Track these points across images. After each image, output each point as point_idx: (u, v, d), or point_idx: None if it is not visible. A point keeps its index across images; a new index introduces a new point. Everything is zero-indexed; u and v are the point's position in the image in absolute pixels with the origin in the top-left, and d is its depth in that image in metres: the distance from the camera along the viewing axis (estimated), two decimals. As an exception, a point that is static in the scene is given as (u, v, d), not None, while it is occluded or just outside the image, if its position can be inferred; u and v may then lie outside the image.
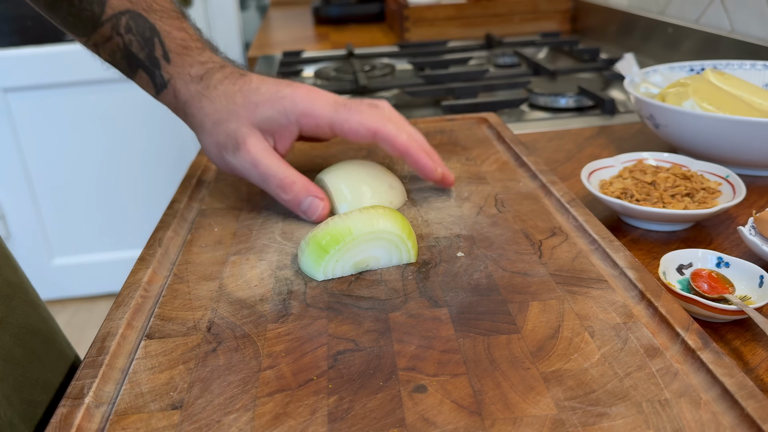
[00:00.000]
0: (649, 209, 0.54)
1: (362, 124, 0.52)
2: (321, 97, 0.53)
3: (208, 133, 0.55)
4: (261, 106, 0.53)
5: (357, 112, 0.52)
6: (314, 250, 0.45)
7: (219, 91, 0.55)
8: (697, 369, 0.34)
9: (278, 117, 0.53)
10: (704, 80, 0.73)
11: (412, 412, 0.32)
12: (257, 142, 0.53)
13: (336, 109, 0.52)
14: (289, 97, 0.53)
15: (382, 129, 0.52)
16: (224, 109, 0.54)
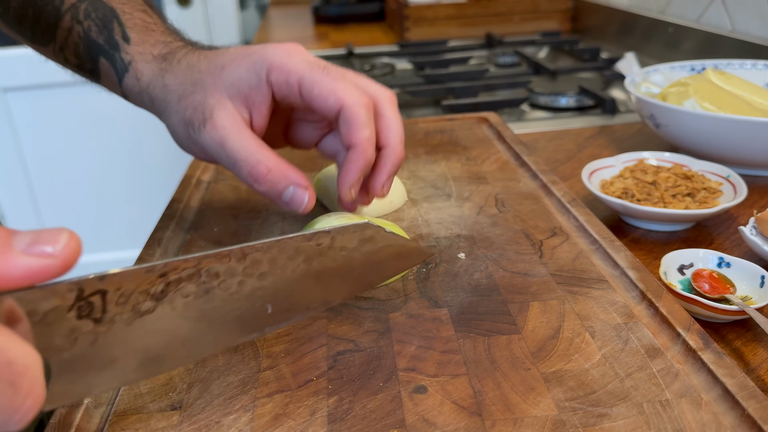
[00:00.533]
0: (650, 209, 0.54)
1: (334, 92, 0.43)
2: (298, 54, 0.45)
3: (173, 110, 0.47)
4: (227, 67, 0.45)
5: (334, 78, 0.43)
6: None
7: (182, 64, 0.48)
8: (698, 369, 0.34)
9: (247, 76, 0.44)
10: (705, 80, 0.73)
11: (412, 412, 0.32)
12: (226, 115, 0.44)
13: (312, 67, 0.44)
14: (260, 52, 0.45)
15: (351, 108, 0.43)
16: (188, 80, 0.47)
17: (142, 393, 0.35)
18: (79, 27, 0.51)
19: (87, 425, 0.33)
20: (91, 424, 0.33)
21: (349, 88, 0.43)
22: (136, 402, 0.34)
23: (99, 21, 0.51)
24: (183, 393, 0.35)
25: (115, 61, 0.51)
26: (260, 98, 0.45)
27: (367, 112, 0.43)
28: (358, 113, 0.43)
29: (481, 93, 1.06)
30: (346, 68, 0.46)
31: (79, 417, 0.33)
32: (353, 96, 0.43)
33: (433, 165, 0.64)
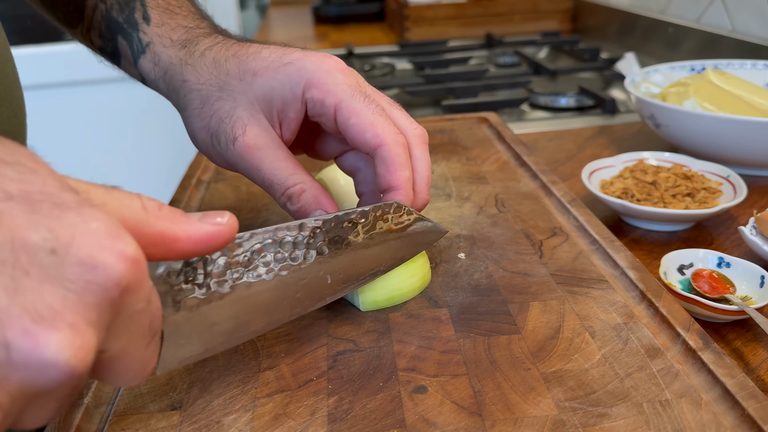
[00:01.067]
0: (650, 209, 0.54)
1: (373, 127, 0.40)
2: (339, 71, 0.41)
3: (196, 114, 0.44)
4: (260, 74, 0.42)
5: (373, 112, 0.40)
6: None
7: (207, 58, 0.44)
8: (698, 369, 0.34)
9: (281, 90, 0.41)
10: (705, 80, 0.73)
11: (412, 412, 0.32)
12: (260, 133, 0.42)
13: (353, 93, 0.40)
14: (298, 63, 0.41)
15: (390, 148, 0.40)
16: (213, 81, 0.43)
17: (142, 393, 0.35)
18: (102, 5, 0.50)
19: (87, 425, 0.33)
20: (92, 424, 0.33)
21: (388, 126, 0.40)
22: (136, 402, 0.34)
23: (122, 1, 0.50)
24: (183, 393, 0.35)
25: (132, 41, 0.48)
26: (293, 114, 0.42)
27: (405, 153, 0.41)
28: (397, 154, 0.40)
29: (481, 93, 1.06)
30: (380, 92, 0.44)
31: (79, 417, 0.33)
32: (392, 135, 0.40)
33: (433, 165, 0.64)
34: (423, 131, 0.43)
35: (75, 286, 0.21)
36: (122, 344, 0.24)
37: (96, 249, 0.21)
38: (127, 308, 0.23)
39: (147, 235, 0.25)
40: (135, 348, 0.24)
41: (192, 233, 0.26)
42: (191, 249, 0.26)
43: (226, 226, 0.27)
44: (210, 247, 0.27)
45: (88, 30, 0.52)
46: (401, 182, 0.40)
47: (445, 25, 1.53)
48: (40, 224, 0.21)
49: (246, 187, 0.61)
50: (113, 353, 0.24)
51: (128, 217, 0.24)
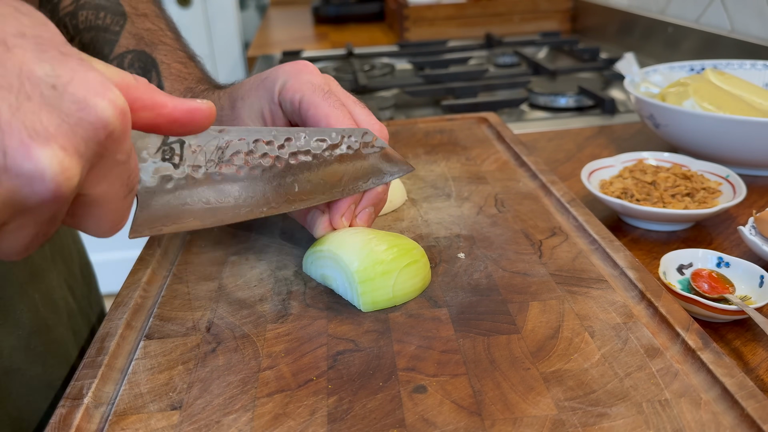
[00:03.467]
0: (650, 209, 0.54)
1: (327, 118, 0.43)
2: (308, 73, 0.45)
3: None
4: (246, 97, 0.47)
5: (329, 105, 0.44)
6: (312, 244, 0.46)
7: None
8: (697, 369, 0.34)
9: (265, 101, 0.46)
10: (704, 80, 0.73)
11: (411, 412, 0.32)
12: None
13: (314, 90, 0.44)
14: (272, 75, 0.46)
15: None
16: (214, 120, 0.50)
17: (142, 393, 0.35)
18: None
19: (87, 425, 0.33)
20: (92, 423, 0.33)
21: (341, 117, 0.44)
22: (136, 402, 0.34)
23: (141, 70, 0.55)
24: (183, 393, 0.35)
25: None
26: (280, 121, 0.46)
27: None
28: None
29: (481, 93, 1.06)
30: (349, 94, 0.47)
31: (79, 417, 0.33)
32: (344, 125, 0.44)
33: (433, 165, 0.64)
34: (382, 129, 0.46)
35: (69, 119, 0.24)
36: (102, 190, 0.27)
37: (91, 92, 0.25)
38: (109, 155, 0.26)
39: (138, 98, 0.28)
40: (113, 197, 0.27)
41: (178, 103, 0.29)
42: (176, 116, 0.29)
43: (206, 105, 0.30)
44: (191, 120, 0.30)
45: None
46: None
47: (445, 26, 1.54)
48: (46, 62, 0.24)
49: (246, 187, 0.61)
50: (93, 197, 0.27)
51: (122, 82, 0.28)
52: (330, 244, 0.43)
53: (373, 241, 0.42)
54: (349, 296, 0.42)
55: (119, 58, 0.56)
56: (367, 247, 0.41)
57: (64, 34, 0.59)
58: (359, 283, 0.40)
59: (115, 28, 0.57)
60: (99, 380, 0.35)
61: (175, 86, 0.55)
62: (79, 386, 0.35)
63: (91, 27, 0.58)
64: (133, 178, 0.28)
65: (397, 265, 0.41)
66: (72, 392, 0.35)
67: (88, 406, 0.34)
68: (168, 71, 0.56)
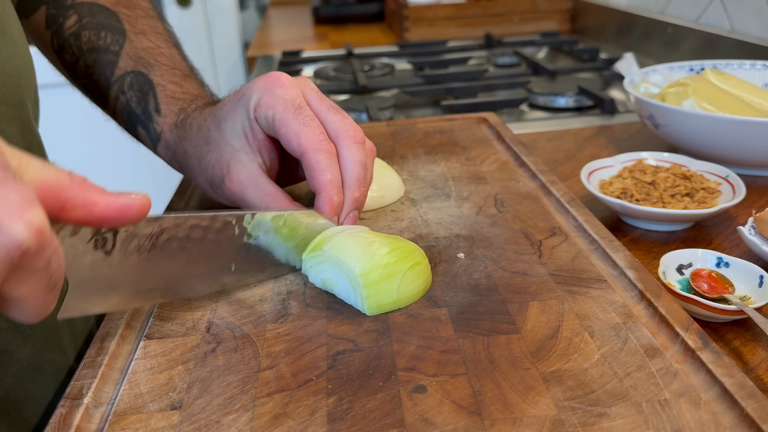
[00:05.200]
0: (649, 209, 0.54)
1: (298, 137, 0.45)
2: (279, 86, 0.46)
3: (197, 173, 0.52)
4: (227, 118, 0.49)
5: (300, 123, 0.45)
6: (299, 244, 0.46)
7: (193, 128, 0.52)
8: (696, 369, 0.34)
9: (242, 120, 0.48)
10: (704, 80, 0.73)
11: (411, 412, 0.32)
12: (242, 168, 0.48)
13: (286, 107, 0.45)
14: (246, 92, 0.48)
15: (310, 156, 0.45)
16: (201, 141, 0.51)
17: (142, 393, 0.35)
18: (123, 97, 0.58)
19: (87, 425, 0.33)
20: (92, 423, 0.33)
21: (312, 134, 0.45)
22: (136, 402, 0.34)
23: (139, 92, 0.57)
24: (183, 393, 0.35)
25: (150, 131, 0.56)
26: (260, 136, 0.48)
27: (327, 158, 0.45)
28: (317, 160, 0.45)
29: (481, 93, 1.06)
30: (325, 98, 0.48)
31: (79, 416, 0.33)
32: (314, 142, 0.45)
33: (433, 165, 0.64)
34: (356, 131, 0.47)
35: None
36: (22, 292, 0.28)
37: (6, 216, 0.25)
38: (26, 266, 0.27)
39: (70, 198, 0.29)
40: (34, 296, 0.28)
41: (110, 201, 0.30)
42: (107, 215, 0.30)
43: (139, 201, 0.31)
44: (124, 216, 0.31)
45: (113, 113, 0.60)
46: (322, 184, 0.45)
47: (445, 26, 1.54)
48: None
49: (245, 187, 0.61)
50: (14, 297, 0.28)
51: (55, 184, 0.29)
52: (330, 247, 0.42)
53: (375, 244, 0.41)
54: (353, 300, 0.41)
55: (120, 80, 0.58)
56: (369, 251, 0.41)
57: (69, 55, 0.61)
58: (363, 287, 0.40)
59: (115, 48, 0.58)
60: (99, 380, 0.35)
61: (170, 108, 0.56)
62: (79, 386, 0.35)
63: (93, 48, 0.59)
64: (56, 278, 0.29)
65: (400, 268, 0.41)
66: (72, 392, 0.35)
67: (88, 406, 0.34)
68: (164, 93, 0.56)
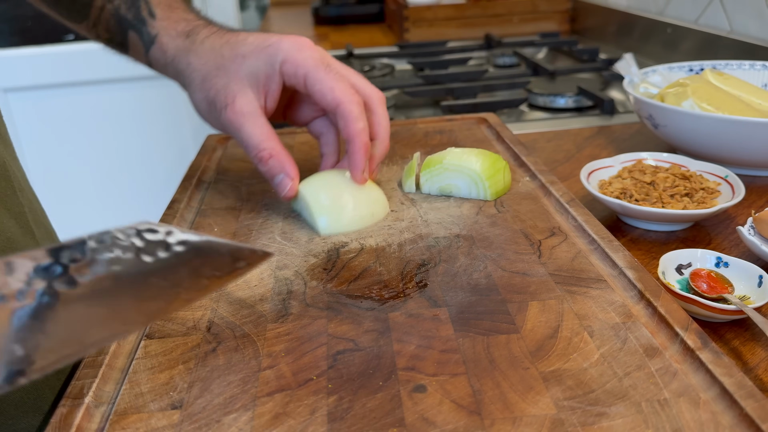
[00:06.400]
0: (649, 209, 0.54)
1: (332, 90, 0.50)
2: (308, 48, 0.52)
3: (198, 89, 0.54)
4: (248, 57, 0.52)
5: (333, 78, 0.50)
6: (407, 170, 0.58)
7: (206, 45, 0.54)
8: (696, 369, 0.34)
9: (264, 67, 0.51)
10: (703, 80, 0.73)
11: (411, 411, 0.32)
12: (246, 102, 0.51)
13: (317, 64, 0.51)
14: (275, 45, 0.51)
15: (345, 105, 0.50)
16: (212, 63, 0.53)
17: (142, 392, 0.35)
18: (110, 5, 0.58)
19: (88, 424, 0.33)
20: (92, 423, 0.33)
21: (345, 88, 0.50)
22: (136, 401, 0.34)
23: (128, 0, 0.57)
24: (183, 392, 0.35)
25: (143, 34, 0.57)
26: (274, 86, 0.52)
27: (359, 109, 0.50)
28: (351, 110, 0.50)
29: (480, 94, 1.06)
30: (348, 66, 0.53)
31: (80, 416, 0.33)
32: (347, 95, 0.50)
33: (433, 165, 0.64)
34: (379, 92, 0.54)
35: None
36: None
37: None
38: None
39: None
40: None
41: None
42: None
43: None
44: None
45: (95, 25, 0.60)
46: (357, 131, 0.50)
47: (445, 26, 1.54)
48: None
49: (246, 187, 0.61)
50: None
51: None
52: (449, 160, 0.56)
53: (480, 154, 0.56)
54: (474, 194, 0.56)
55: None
56: (481, 156, 0.56)
57: None
58: (486, 178, 0.55)
59: None
60: (99, 380, 0.35)
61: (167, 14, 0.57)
62: (80, 386, 0.35)
63: None
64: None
65: (502, 164, 0.56)
66: (72, 392, 0.35)
67: (89, 405, 0.34)
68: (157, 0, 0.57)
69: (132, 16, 0.57)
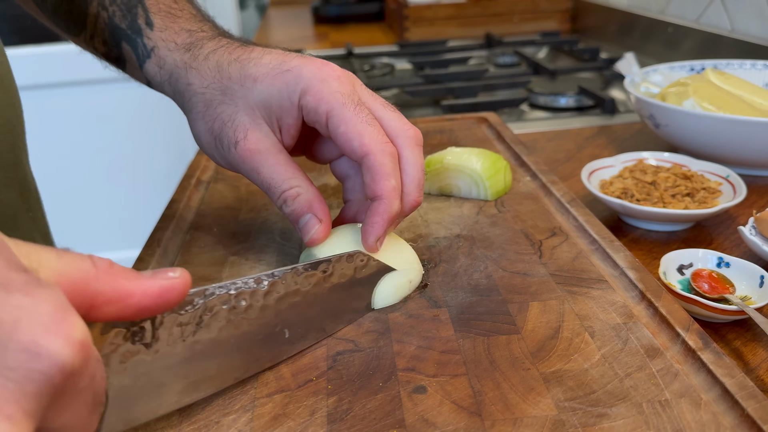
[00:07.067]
0: (650, 209, 0.54)
1: (360, 136, 0.41)
2: (335, 78, 0.42)
3: (200, 116, 0.45)
4: (260, 81, 0.43)
5: (363, 120, 0.41)
6: None
7: (210, 62, 0.46)
8: (697, 369, 0.34)
9: (279, 96, 0.43)
10: (704, 80, 0.73)
11: (411, 412, 0.32)
12: (260, 137, 0.43)
13: (344, 101, 0.41)
14: (296, 70, 0.42)
15: (375, 158, 0.41)
16: (216, 85, 0.45)
17: (141, 393, 0.35)
18: (105, 13, 0.51)
19: (86, 425, 0.33)
20: (91, 424, 0.33)
21: (376, 135, 0.41)
22: (135, 402, 0.34)
23: (123, 6, 0.51)
24: (182, 393, 0.35)
25: (137, 47, 0.50)
26: (290, 120, 0.43)
27: (392, 162, 0.41)
28: (382, 163, 0.41)
29: (481, 93, 1.06)
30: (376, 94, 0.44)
31: (78, 417, 0.33)
32: (379, 144, 0.41)
33: (433, 165, 0.64)
34: (416, 132, 0.43)
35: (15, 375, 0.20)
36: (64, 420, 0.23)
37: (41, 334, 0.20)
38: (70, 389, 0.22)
39: (101, 293, 0.24)
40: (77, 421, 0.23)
41: (146, 287, 0.25)
42: (146, 304, 0.25)
43: (180, 279, 0.26)
44: (164, 302, 0.26)
45: (92, 37, 0.54)
46: (385, 191, 0.41)
47: (445, 25, 1.54)
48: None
49: (245, 187, 0.61)
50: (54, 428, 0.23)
51: (79, 279, 0.24)
52: (449, 160, 0.56)
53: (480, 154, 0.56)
54: (474, 194, 0.56)
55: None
56: (481, 156, 0.56)
57: None
58: (487, 178, 0.55)
59: None
60: (98, 380, 0.35)
61: (167, 23, 0.49)
62: (79, 386, 0.35)
63: None
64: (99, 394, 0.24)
65: (503, 164, 0.56)
66: (71, 392, 0.34)
67: (88, 406, 0.34)
68: (156, 6, 0.50)
69: (126, 25, 0.50)
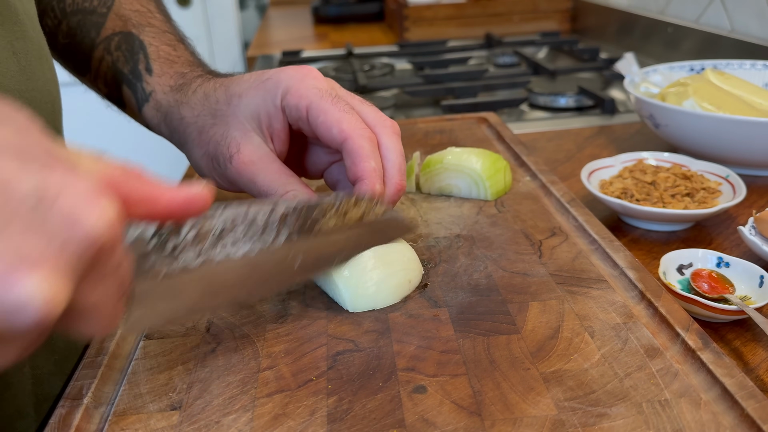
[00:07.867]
0: (649, 209, 0.54)
1: (339, 123, 0.43)
2: (311, 78, 0.45)
3: (195, 144, 0.48)
4: (245, 95, 0.46)
5: (340, 109, 0.43)
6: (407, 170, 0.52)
7: (198, 93, 0.49)
8: (697, 369, 0.34)
9: (264, 104, 0.45)
10: (704, 80, 0.73)
11: (411, 412, 0.32)
12: (254, 149, 0.45)
13: (322, 95, 0.44)
14: (274, 77, 0.45)
15: (354, 141, 0.43)
16: (206, 111, 0.48)
17: (141, 393, 0.35)
18: (109, 57, 0.55)
19: (87, 425, 0.33)
20: (91, 424, 0.33)
21: (354, 121, 0.43)
22: (135, 402, 0.34)
23: (127, 52, 0.54)
24: (183, 393, 0.35)
25: (137, 91, 0.53)
26: (277, 125, 0.46)
27: (371, 145, 0.43)
28: (361, 146, 0.43)
29: (481, 93, 1.06)
30: (354, 94, 0.47)
31: (79, 417, 0.33)
32: (357, 129, 0.43)
33: (433, 165, 0.64)
34: (393, 123, 0.46)
35: (57, 238, 0.22)
36: (94, 299, 0.25)
37: (80, 205, 0.22)
38: (100, 266, 0.24)
39: (131, 193, 0.26)
40: (104, 304, 0.25)
41: (174, 194, 0.28)
42: (172, 208, 0.28)
43: (203, 193, 0.29)
44: (188, 210, 0.28)
45: (95, 78, 0.57)
46: (366, 172, 0.42)
47: (445, 26, 1.54)
48: (31, 175, 0.22)
49: (245, 187, 0.61)
50: (84, 307, 0.25)
51: (114, 176, 0.26)
52: (449, 159, 0.56)
53: (480, 154, 0.56)
54: (474, 194, 0.56)
55: (106, 42, 0.55)
56: (482, 156, 0.56)
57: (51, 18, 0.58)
58: (487, 178, 0.54)
59: (102, 10, 0.57)
60: (99, 380, 0.35)
61: (165, 69, 0.53)
62: (79, 386, 0.35)
63: (78, 10, 0.57)
64: (125, 283, 0.26)
65: (502, 164, 0.56)
66: (72, 392, 0.34)
67: (88, 406, 0.34)
68: (156, 54, 0.54)
69: (128, 70, 0.54)
